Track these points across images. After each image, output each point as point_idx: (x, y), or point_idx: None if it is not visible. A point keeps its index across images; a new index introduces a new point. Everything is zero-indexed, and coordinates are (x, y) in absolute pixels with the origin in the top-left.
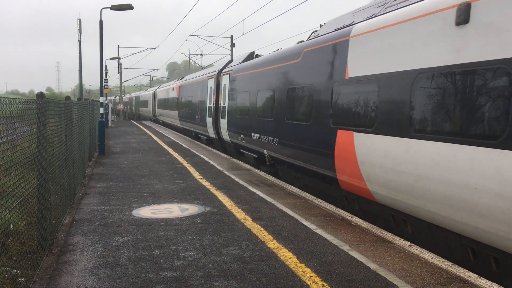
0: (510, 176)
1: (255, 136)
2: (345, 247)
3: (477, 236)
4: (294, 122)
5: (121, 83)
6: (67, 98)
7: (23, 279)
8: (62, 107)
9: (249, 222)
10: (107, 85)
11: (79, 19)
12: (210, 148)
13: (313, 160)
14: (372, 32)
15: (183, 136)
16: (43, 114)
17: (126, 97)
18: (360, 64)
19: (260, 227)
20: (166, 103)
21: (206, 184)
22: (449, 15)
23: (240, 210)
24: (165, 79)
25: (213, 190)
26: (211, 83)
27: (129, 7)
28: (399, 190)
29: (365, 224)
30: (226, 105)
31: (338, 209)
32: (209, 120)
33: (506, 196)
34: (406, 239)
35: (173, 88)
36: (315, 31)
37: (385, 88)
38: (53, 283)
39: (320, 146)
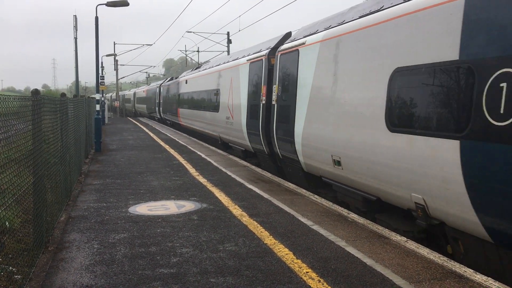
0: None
1: (168, 113)
2: (341, 243)
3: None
4: (171, 106)
5: (117, 80)
6: (63, 95)
7: (19, 276)
8: (57, 104)
9: (245, 219)
10: (103, 82)
11: (75, 15)
12: (207, 145)
13: (176, 119)
14: (190, 79)
15: (179, 133)
16: (38, 111)
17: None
18: (185, 88)
19: (256, 223)
20: (140, 100)
21: (202, 181)
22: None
23: (236, 206)
24: (161, 76)
25: (210, 186)
26: (158, 89)
27: (124, 3)
28: (187, 122)
29: (361, 220)
30: (162, 101)
31: (335, 205)
32: (157, 109)
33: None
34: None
35: (143, 90)
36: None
37: (190, 95)
38: (49, 281)
39: (175, 114)
